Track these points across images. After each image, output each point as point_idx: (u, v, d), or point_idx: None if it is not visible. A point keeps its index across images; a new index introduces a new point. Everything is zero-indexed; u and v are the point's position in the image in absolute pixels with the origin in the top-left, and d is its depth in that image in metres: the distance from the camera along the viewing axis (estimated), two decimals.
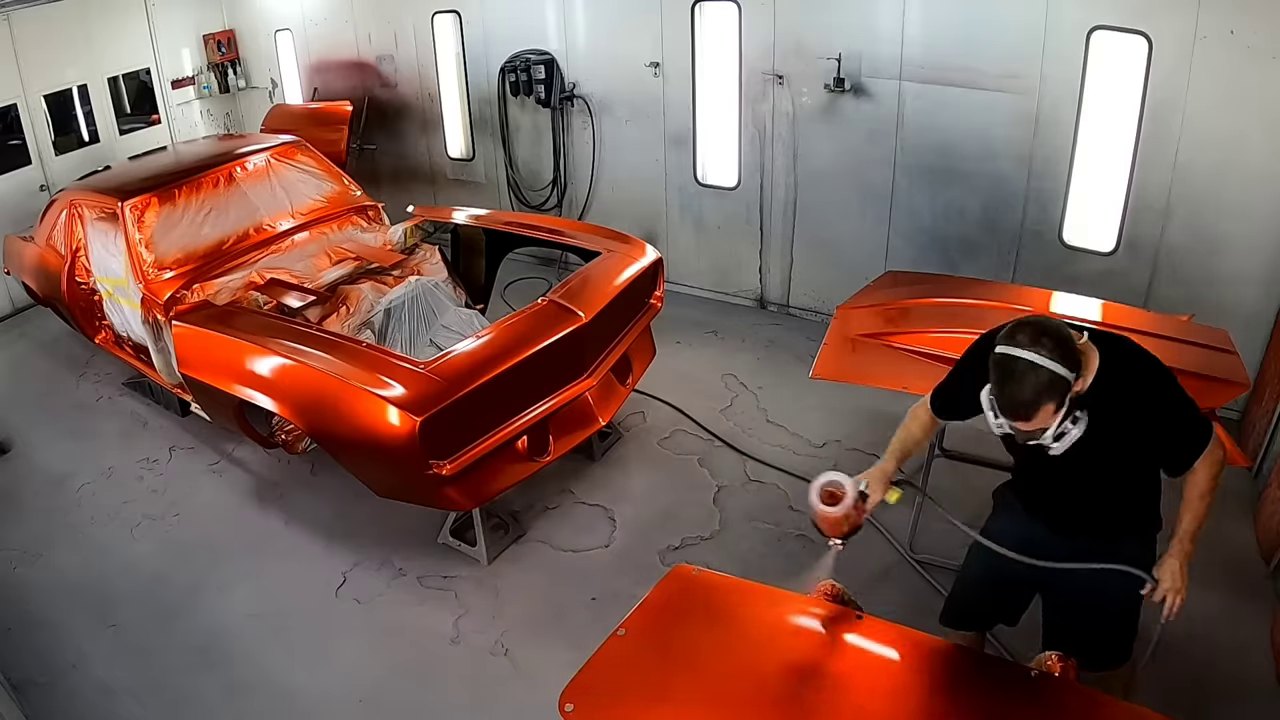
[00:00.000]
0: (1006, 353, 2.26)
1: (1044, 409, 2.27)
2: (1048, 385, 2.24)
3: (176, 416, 5.58)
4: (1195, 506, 2.53)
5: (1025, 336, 2.26)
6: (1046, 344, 2.24)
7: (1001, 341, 2.29)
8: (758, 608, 2.65)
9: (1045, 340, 2.24)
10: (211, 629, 4.03)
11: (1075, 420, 2.33)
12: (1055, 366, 2.23)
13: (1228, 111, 4.53)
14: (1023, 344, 2.25)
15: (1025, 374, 2.24)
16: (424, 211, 5.74)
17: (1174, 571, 2.51)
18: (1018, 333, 2.27)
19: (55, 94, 7.36)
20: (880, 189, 5.80)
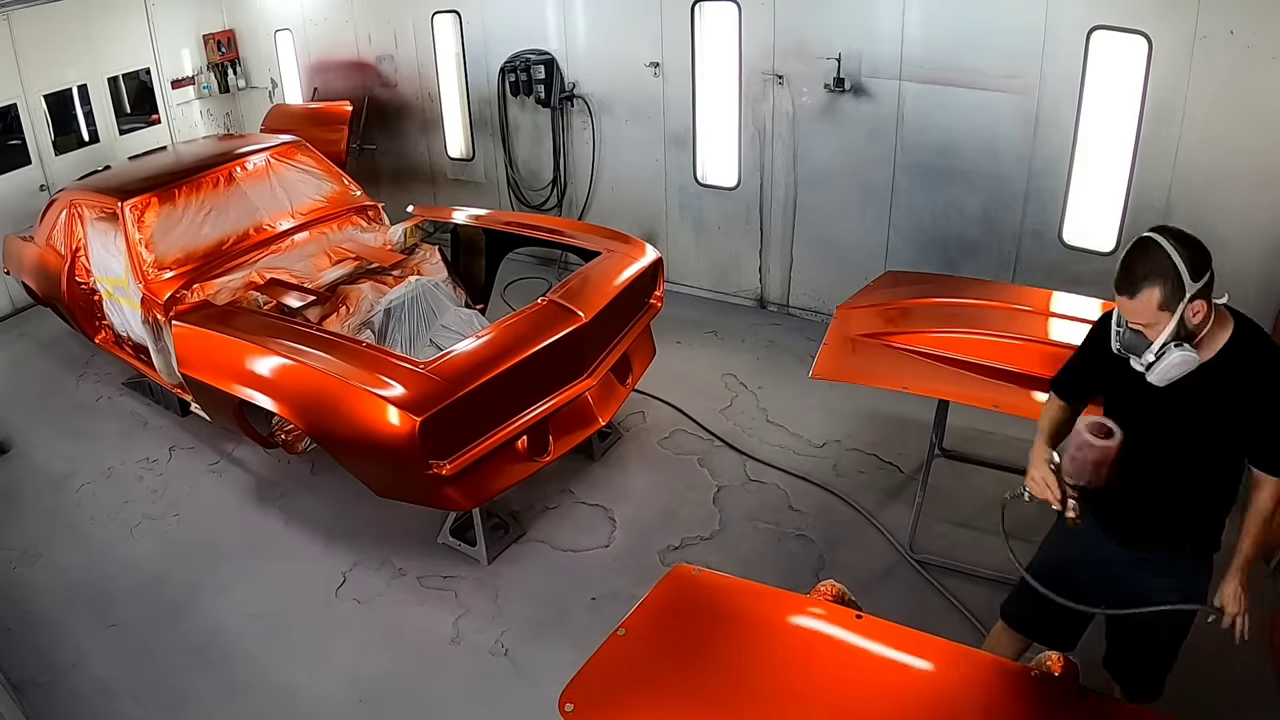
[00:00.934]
0: (1143, 234, 2.32)
1: (1148, 291, 2.27)
2: (1159, 268, 2.26)
3: (176, 416, 5.58)
4: (1254, 529, 2.52)
5: (1167, 230, 2.31)
6: (1179, 237, 2.28)
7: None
8: (758, 608, 2.65)
9: (1182, 236, 2.29)
10: (211, 629, 4.03)
11: (1180, 347, 2.31)
12: (1175, 255, 2.24)
13: (1228, 111, 4.53)
14: (1161, 231, 2.30)
15: (1144, 249, 2.29)
16: (424, 211, 5.74)
17: (1235, 595, 2.52)
18: (1163, 227, 2.33)
19: (55, 94, 7.36)
20: (880, 189, 5.80)
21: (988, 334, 3.85)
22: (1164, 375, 2.34)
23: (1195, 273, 2.25)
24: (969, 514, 4.45)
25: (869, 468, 4.85)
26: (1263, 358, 2.38)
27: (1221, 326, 2.38)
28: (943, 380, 3.75)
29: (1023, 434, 4.69)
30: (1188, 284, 2.25)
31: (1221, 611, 2.52)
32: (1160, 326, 2.30)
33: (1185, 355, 2.31)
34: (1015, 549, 2.68)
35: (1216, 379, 2.36)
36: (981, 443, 4.81)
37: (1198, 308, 2.29)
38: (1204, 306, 2.31)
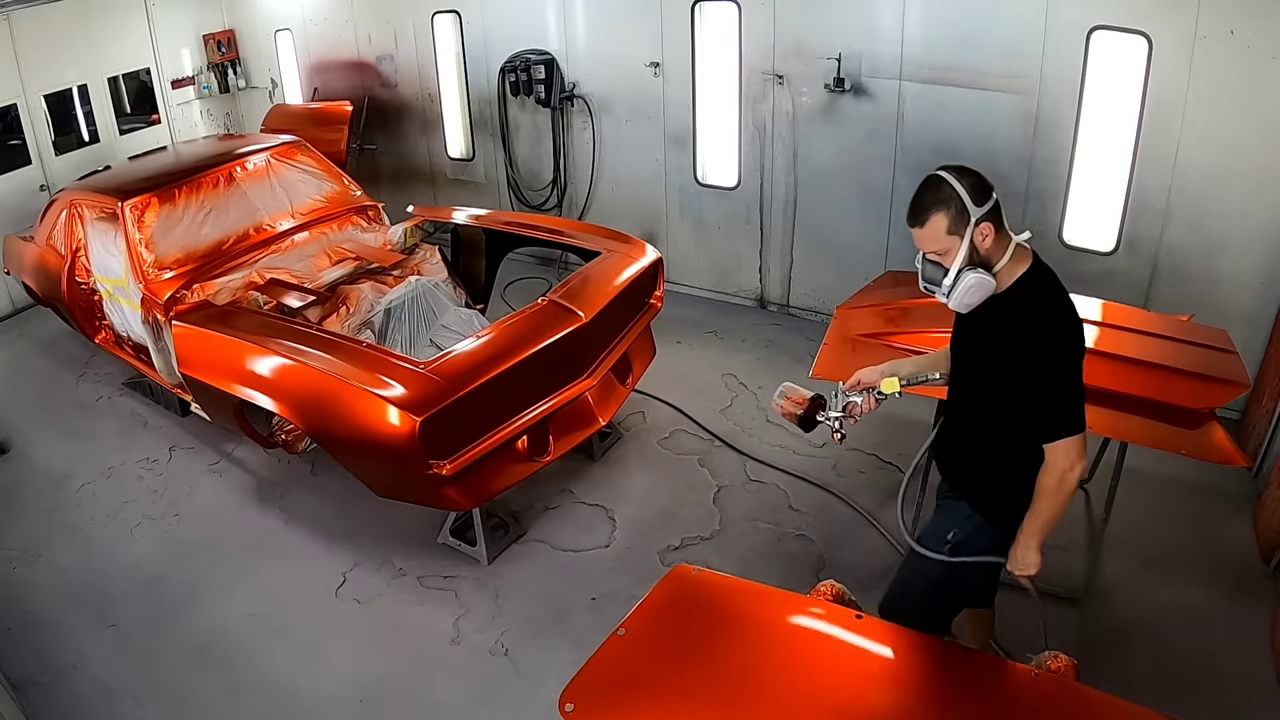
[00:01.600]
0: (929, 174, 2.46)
1: (935, 218, 2.41)
2: (945, 197, 2.40)
3: (176, 416, 5.58)
4: (1035, 504, 2.59)
5: (954, 166, 2.46)
6: (964, 173, 2.43)
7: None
8: (758, 608, 2.65)
9: (965, 171, 2.44)
10: (211, 629, 4.03)
11: (977, 276, 2.43)
12: (958, 187, 2.39)
13: (1228, 112, 4.53)
14: (948, 168, 2.45)
15: (931, 183, 2.44)
16: (424, 211, 5.74)
17: (1015, 557, 2.68)
18: (950, 164, 2.47)
19: (55, 94, 7.36)
20: (880, 189, 5.80)
21: None
22: (961, 300, 2.47)
23: (977, 197, 2.40)
24: None
25: (869, 468, 4.85)
26: (1030, 306, 2.48)
27: (1019, 262, 2.51)
28: None
29: None
30: (971, 209, 2.39)
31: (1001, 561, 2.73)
32: (953, 253, 2.43)
33: (980, 278, 2.44)
34: None
35: (1005, 312, 2.48)
36: None
37: (985, 230, 2.42)
38: (991, 229, 2.43)
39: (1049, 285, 2.53)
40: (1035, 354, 2.44)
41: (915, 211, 2.46)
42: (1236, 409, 4.89)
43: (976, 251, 2.44)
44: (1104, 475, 4.05)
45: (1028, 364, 2.45)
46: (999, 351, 2.51)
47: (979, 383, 2.66)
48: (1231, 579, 3.98)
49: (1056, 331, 2.46)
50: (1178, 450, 3.38)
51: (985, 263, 2.46)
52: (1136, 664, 3.55)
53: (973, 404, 2.72)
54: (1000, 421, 2.62)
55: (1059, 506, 2.56)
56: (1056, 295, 2.52)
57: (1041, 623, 2.95)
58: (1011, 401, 2.53)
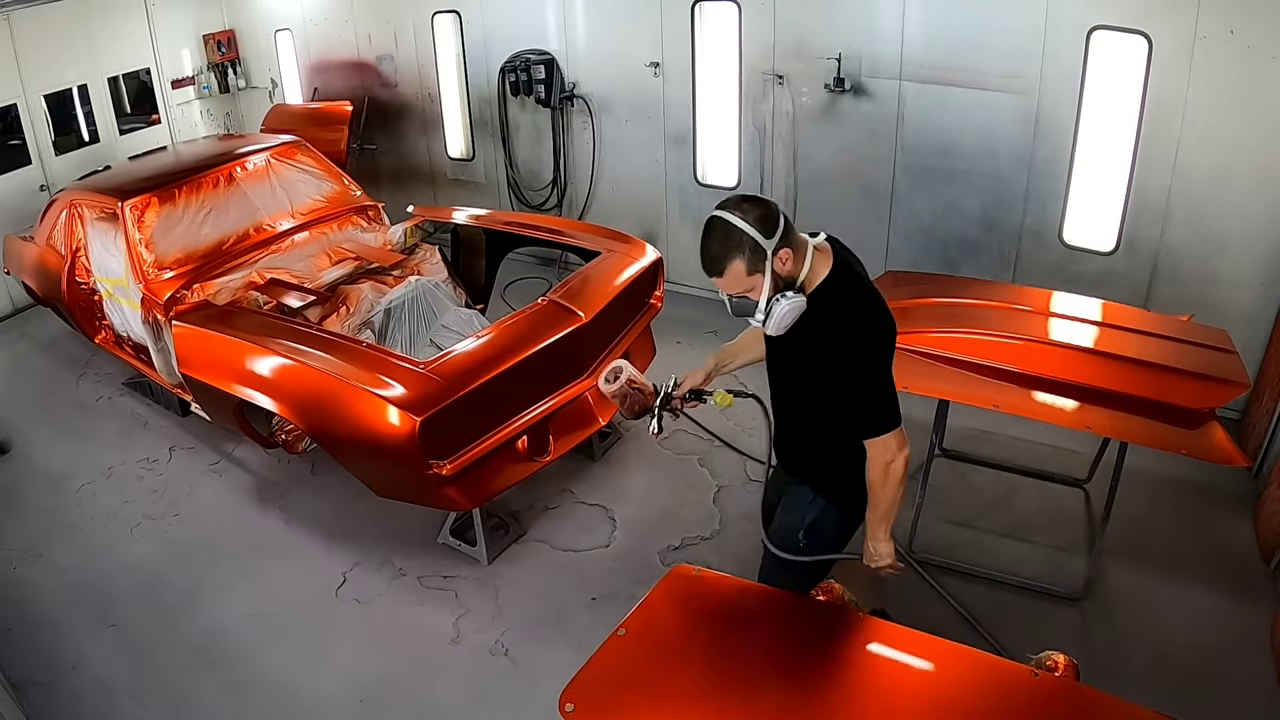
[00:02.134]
0: (710, 215, 2.39)
1: (733, 266, 2.36)
2: (737, 242, 2.34)
3: (176, 416, 5.58)
4: (870, 498, 2.64)
5: (731, 201, 2.38)
6: (745, 206, 2.36)
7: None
8: (758, 608, 2.65)
9: (746, 205, 2.36)
10: (211, 629, 4.03)
11: (784, 298, 2.41)
12: (747, 227, 2.32)
13: (1228, 112, 4.53)
14: (726, 206, 2.37)
15: (718, 230, 2.36)
16: (424, 211, 5.74)
17: (868, 550, 2.74)
18: (726, 201, 2.40)
19: (55, 94, 7.35)
20: (880, 189, 5.80)
21: (988, 334, 3.85)
22: (779, 326, 2.45)
23: (767, 229, 2.34)
24: (969, 514, 4.45)
25: None
26: (840, 303, 2.47)
27: (821, 265, 2.48)
28: (943, 380, 3.75)
29: (1023, 434, 4.73)
30: (764, 243, 2.34)
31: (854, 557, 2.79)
32: (759, 288, 2.40)
33: (792, 303, 2.42)
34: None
35: (812, 317, 2.46)
36: (981, 443, 4.81)
37: (783, 256, 2.39)
38: (789, 253, 2.39)
39: (852, 285, 2.51)
40: (844, 356, 2.46)
41: (710, 263, 2.41)
42: (1236, 409, 4.89)
43: (779, 277, 2.42)
44: (1104, 475, 4.05)
45: (838, 366, 2.47)
46: (809, 355, 2.53)
47: (797, 384, 2.70)
48: (1231, 579, 3.98)
49: (861, 332, 2.47)
50: (1178, 450, 3.38)
51: (790, 283, 2.45)
52: (1136, 664, 3.55)
53: (795, 403, 2.76)
54: (823, 417, 2.66)
55: (892, 496, 2.59)
56: (860, 294, 2.51)
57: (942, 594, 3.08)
58: (828, 401, 2.57)
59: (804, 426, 2.78)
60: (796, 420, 2.79)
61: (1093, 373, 3.64)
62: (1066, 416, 3.60)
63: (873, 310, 2.49)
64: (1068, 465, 4.61)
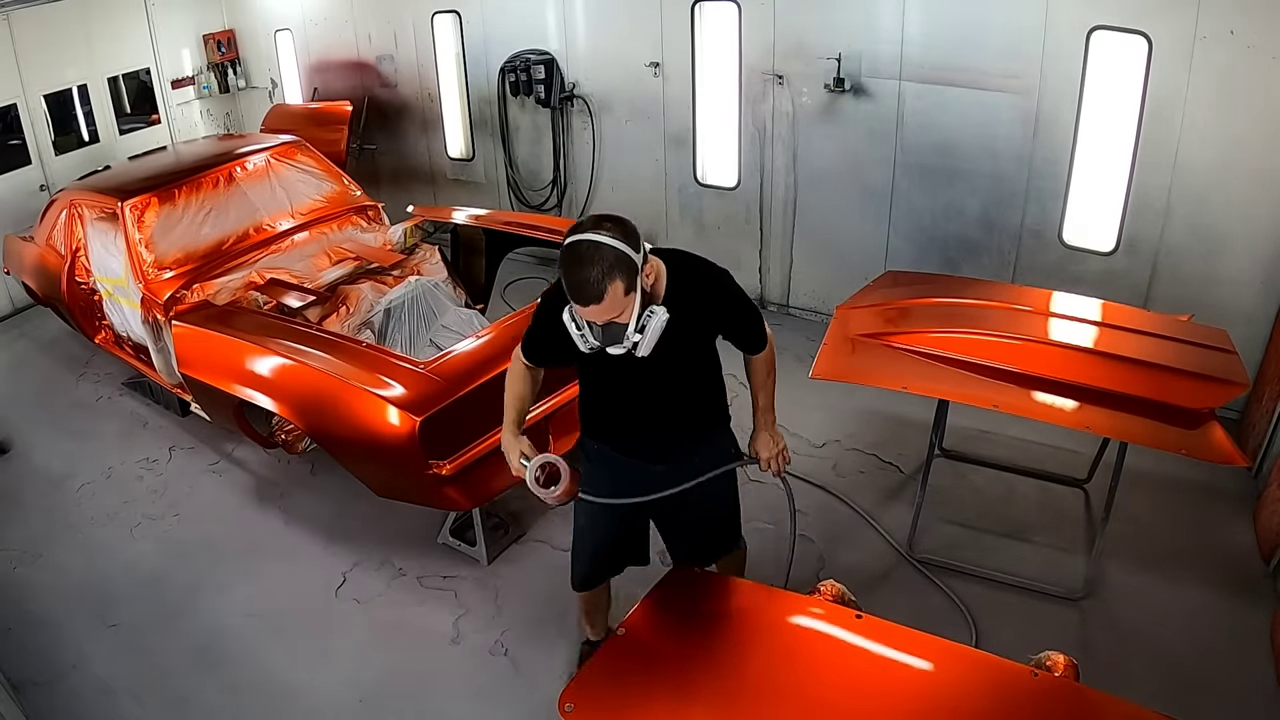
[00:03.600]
0: (572, 240, 2.31)
1: (613, 287, 2.30)
2: (613, 261, 2.28)
3: (176, 416, 5.58)
4: (766, 384, 2.94)
5: (588, 223, 2.34)
6: (607, 225, 2.32)
7: (568, 237, 2.34)
8: (758, 608, 2.65)
9: (606, 223, 2.32)
10: (211, 629, 4.03)
11: (653, 313, 2.43)
12: (618, 244, 2.28)
13: (1228, 111, 4.53)
14: (585, 229, 2.31)
15: (590, 253, 2.28)
16: (424, 211, 5.74)
17: (767, 441, 2.94)
18: (581, 224, 2.35)
19: (55, 94, 7.35)
20: (880, 189, 5.80)
21: (988, 334, 3.85)
22: (650, 344, 2.46)
23: (634, 245, 2.33)
24: (969, 514, 4.45)
25: (869, 468, 4.85)
26: (701, 270, 2.67)
27: (657, 267, 2.51)
28: (943, 380, 3.75)
29: (1023, 434, 4.73)
30: (635, 257, 2.33)
31: (755, 459, 2.94)
32: (629, 310, 2.38)
33: (659, 318, 2.44)
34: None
35: (677, 307, 2.49)
36: (981, 443, 4.81)
37: (649, 270, 2.42)
38: (651, 268, 2.43)
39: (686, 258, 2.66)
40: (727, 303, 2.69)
41: (588, 289, 2.29)
42: (1236, 409, 4.89)
43: (644, 293, 2.40)
44: (1104, 475, 4.05)
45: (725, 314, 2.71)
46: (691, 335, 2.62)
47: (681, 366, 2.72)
48: (1231, 579, 3.98)
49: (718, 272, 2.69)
50: (1178, 450, 3.38)
51: (652, 298, 2.46)
52: (1136, 664, 3.55)
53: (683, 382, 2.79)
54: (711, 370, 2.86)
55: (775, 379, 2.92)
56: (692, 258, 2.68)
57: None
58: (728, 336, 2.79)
59: (694, 394, 2.86)
60: (685, 396, 2.84)
61: (1092, 373, 3.64)
62: (1066, 416, 3.60)
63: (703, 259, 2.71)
64: (1068, 465, 4.61)
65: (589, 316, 2.38)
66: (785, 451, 2.96)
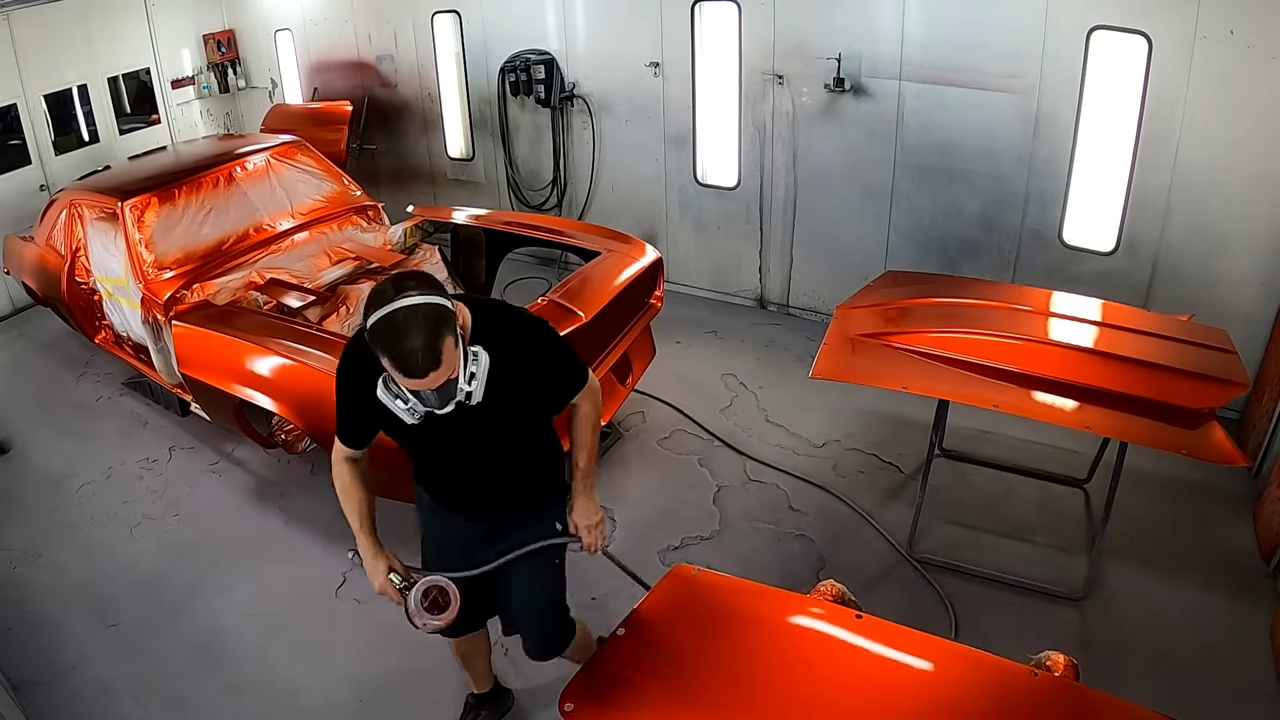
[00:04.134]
0: (381, 316, 2.07)
1: (446, 345, 2.11)
2: (437, 319, 2.09)
3: (176, 416, 5.57)
4: (589, 441, 2.69)
5: (390, 290, 2.10)
6: (411, 284, 2.12)
7: (370, 313, 2.10)
8: (758, 608, 2.65)
9: (408, 283, 2.12)
10: (211, 629, 4.03)
11: (476, 355, 2.26)
12: (431, 298, 2.10)
13: (1228, 111, 4.53)
14: (391, 298, 2.08)
15: (410, 321, 2.06)
16: (424, 211, 5.74)
17: (586, 508, 2.74)
18: (379, 297, 2.10)
19: (55, 94, 7.35)
20: (880, 189, 5.80)
21: (988, 334, 3.85)
22: (482, 387, 2.28)
23: (443, 292, 2.17)
24: (969, 514, 4.45)
25: (869, 468, 4.85)
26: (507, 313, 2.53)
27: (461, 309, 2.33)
28: (943, 380, 3.75)
29: (1023, 434, 4.74)
30: (451, 307, 2.17)
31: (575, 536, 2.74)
32: (456, 362, 2.20)
33: (484, 357, 2.28)
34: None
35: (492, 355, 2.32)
36: (981, 443, 4.81)
37: (460, 315, 2.27)
38: (460, 310, 2.27)
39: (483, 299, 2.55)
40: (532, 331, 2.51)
41: (425, 358, 2.08)
42: (1236, 409, 4.89)
43: (461, 339, 2.23)
44: (1104, 475, 4.05)
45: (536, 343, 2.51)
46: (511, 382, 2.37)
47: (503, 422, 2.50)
48: (1231, 579, 3.98)
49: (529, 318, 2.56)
50: (1178, 450, 3.38)
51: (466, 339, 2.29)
52: (1136, 664, 3.55)
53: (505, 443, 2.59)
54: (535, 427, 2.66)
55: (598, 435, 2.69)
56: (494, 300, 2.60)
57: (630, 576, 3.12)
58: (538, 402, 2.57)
59: (518, 455, 2.65)
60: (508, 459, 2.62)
61: (1093, 373, 3.64)
62: (1066, 416, 3.60)
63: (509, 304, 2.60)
64: (1068, 465, 4.61)
65: (423, 386, 2.15)
66: (604, 523, 2.77)
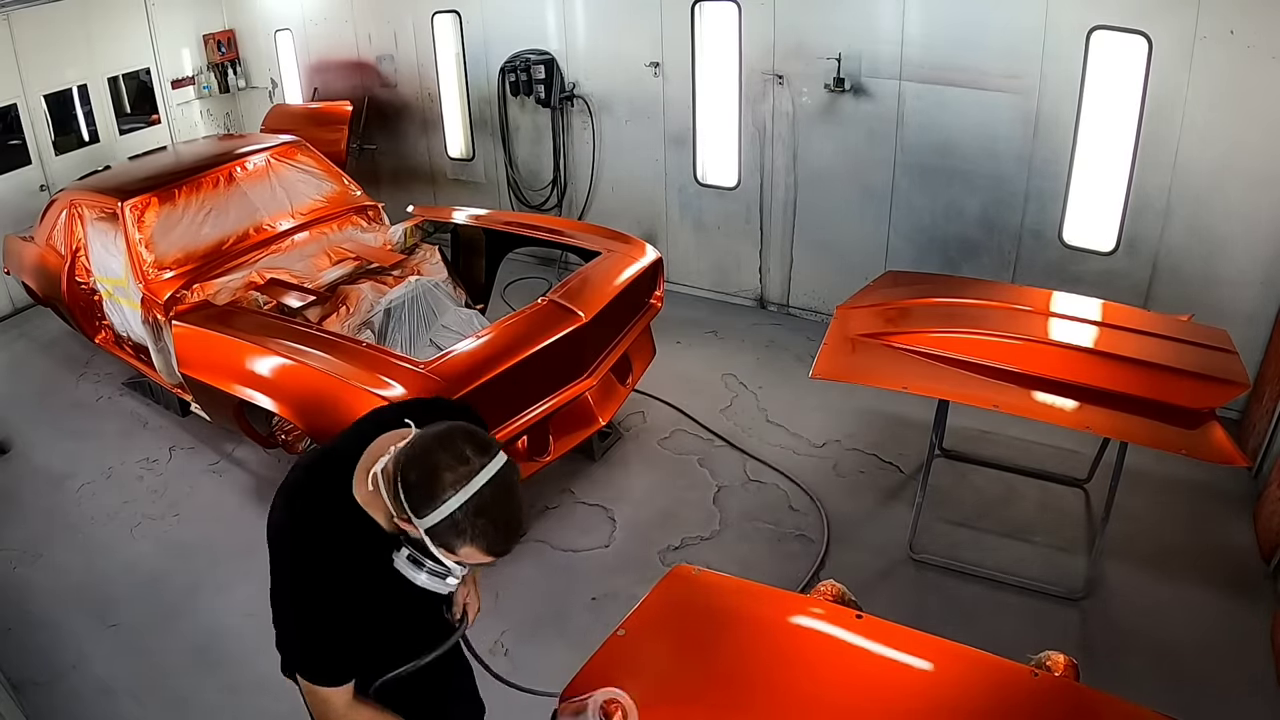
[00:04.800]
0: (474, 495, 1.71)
1: None
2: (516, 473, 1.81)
3: (176, 416, 5.57)
4: None
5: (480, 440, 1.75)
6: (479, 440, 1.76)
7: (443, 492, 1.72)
8: (758, 608, 2.65)
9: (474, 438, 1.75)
10: (211, 629, 4.02)
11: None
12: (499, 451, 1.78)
13: (1228, 111, 4.53)
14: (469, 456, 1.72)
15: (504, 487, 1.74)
16: (424, 211, 5.74)
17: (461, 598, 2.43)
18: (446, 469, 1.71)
19: (55, 94, 7.36)
20: (880, 189, 5.80)
21: (988, 334, 3.85)
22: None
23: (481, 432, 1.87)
24: (969, 514, 4.45)
25: (869, 468, 4.85)
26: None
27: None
28: (943, 380, 3.75)
29: (1023, 434, 4.74)
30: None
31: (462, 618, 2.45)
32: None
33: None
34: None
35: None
36: (981, 443, 4.81)
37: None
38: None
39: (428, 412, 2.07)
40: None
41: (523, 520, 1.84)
42: (1236, 409, 4.89)
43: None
44: (1104, 475, 4.05)
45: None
46: None
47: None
48: (1231, 579, 3.98)
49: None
50: (1178, 450, 3.38)
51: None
52: (1136, 664, 3.55)
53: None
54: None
55: None
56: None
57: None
58: None
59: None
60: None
61: (1093, 373, 3.64)
62: (1066, 416, 3.60)
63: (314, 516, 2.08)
64: (1068, 465, 4.61)
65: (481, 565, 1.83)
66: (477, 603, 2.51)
